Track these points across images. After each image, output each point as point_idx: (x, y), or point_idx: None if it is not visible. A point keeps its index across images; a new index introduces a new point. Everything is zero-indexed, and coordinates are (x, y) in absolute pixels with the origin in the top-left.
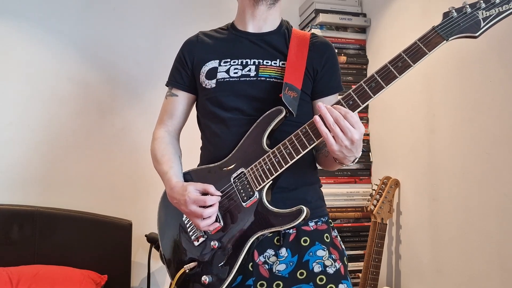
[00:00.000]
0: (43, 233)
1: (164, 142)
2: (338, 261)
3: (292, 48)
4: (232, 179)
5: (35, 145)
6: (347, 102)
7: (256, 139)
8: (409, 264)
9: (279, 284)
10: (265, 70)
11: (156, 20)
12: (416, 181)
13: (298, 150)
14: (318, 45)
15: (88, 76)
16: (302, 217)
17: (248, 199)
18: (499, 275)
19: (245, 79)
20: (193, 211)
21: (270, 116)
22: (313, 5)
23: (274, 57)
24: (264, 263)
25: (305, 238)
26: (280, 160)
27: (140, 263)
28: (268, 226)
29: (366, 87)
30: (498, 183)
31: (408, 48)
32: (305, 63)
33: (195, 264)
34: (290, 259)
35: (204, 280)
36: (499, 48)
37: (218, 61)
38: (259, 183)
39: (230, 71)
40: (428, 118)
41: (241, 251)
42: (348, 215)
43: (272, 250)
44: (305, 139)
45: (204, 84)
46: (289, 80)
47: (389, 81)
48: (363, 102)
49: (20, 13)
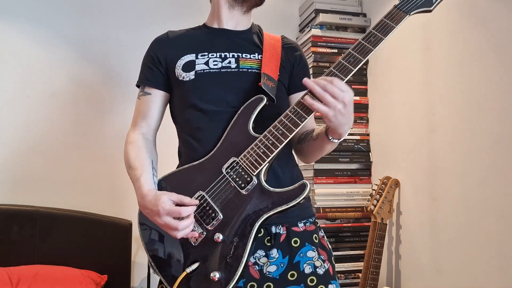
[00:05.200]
0: (43, 233)
1: (136, 146)
2: (326, 262)
3: (266, 43)
4: (224, 170)
5: (35, 145)
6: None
7: (242, 128)
8: (409, 264)
9: (270, 286)
10: (246, 62)
11: (157, 19)
12: (416, 181)
13: (290, 129)
14: (290, 44)
15: (88, 76)
16: (306, 191)
17: (246, 185)
18: (499, 275)
19: (226, 70)
20: (167, 223)
21: (252, 105)
22: (313, 5)
23: (253, 51)
24: (254, 264)
25: (296, 239)
26: (274, 142)
27: (140, 263)
28: (274, 207)
29: (345, 62)
30: (498, 183)
31: (377, 25)
32: (280, 58)
33: (197, 265)
34: (281, 260)
35: (213, 277)
36: (499, 48)
37: (194, 54)
38: (256, 167)
39: (209, 63)
40: (428, 118)
41: (249, 237)
42: (348, 215)
43: (262, 251)
44: (295, 117)
45: (181, 77)
46: (266, 71)
47: (365, 54)
48: (345, 75)
49: (20, 13)
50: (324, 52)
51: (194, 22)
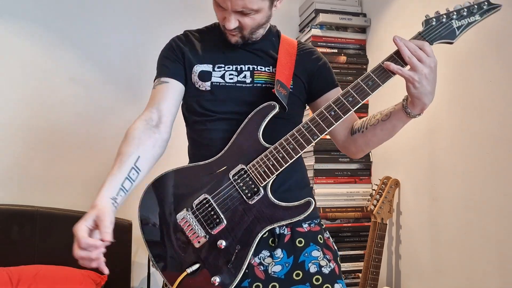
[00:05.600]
0: (43, 233)
1: (128, 138)
2: (332, 261)
3: (281, 52)
4: (232, 177)
5: (35, 145)
6: (347, 99)
7: (251, 134)
8: (409, 264)
9: (275, 286)
10: (260, 76)
11: (157, 20)
12: (416, 181)
13: (302, 145)
14: (305, 50)
15: (88, 76)
16: (311, 208)
17: (252, 196)
18: (499, 275)
19: (241, 85)
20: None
21: (263, 111)
22: (313, 5)
23: (267, 63)
24: (259, 264)
25: (300, 239)
26: (284, 156)
27: (140, 263)
28: (277, 220)
29: (364, 85)
30: (498, 183)
31: (397, 51)
32: (293, 67)
33: (197, 266)
34: (286, 260)
35: (214, 281)
36: (499, 48)
37: (211, 65)
38: (264, 179)
39: (225, 77)
40: (428, 118)
41: (250, 247)
42: (348, 215)
43: (267, 251)
44: (308, 134)
45: (198, 85)
46: (280, 78)
47: (385, 79)
48: (362, 99)
49: (20, 13)
50: (324, 52)
51: (194, 22)
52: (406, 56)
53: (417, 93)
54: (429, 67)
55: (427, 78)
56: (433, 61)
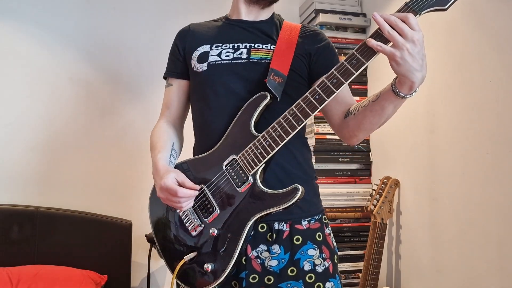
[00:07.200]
0: (43, 233)
1: (160, 130)
2: (327, 260)
3: (282, 35)
4: (224, 166)
5: (35, 145)
6: (331, 81)
7: (243, 125)
8: (409, 264)
9: (270, 279)
10: (257, 53)
11: (157, 19)
12: (416, 181)
13: (287, 131)
14: (309, 32)
15: (88, 76)
16: (297, 196)
17: (242, 184)
18: (499, 275)
19: (236, 61)
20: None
21: (255, 102)
22: (313, 5)
23: (266, 42)
24: (256, 257)
25: (298, 237)
26: (270, 143)
27: (140, 263)
28: (265, 208)
29: (347, 64)
30: (498, 183)
31: None
32: (294, 49)
33: (194, 254)
34: (282, 255)
35: (207, 268)
36: (499, 48)
37: (209, 45)
38: (252, 167)
39: (221, 55)
40: (428, 118)
41: (241, 235)
42: (348, 215)
43: (264, 246)
44: (293, 120)
45: (196, 68)
46: (275, 66)
47: (369, 57)
48: (346, 79)
49: (20, 13)
50: None
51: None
52: (385, 30)
53: (401, 70)
54: (411, 42)
55: (410, 53)
56: (416, 34)
